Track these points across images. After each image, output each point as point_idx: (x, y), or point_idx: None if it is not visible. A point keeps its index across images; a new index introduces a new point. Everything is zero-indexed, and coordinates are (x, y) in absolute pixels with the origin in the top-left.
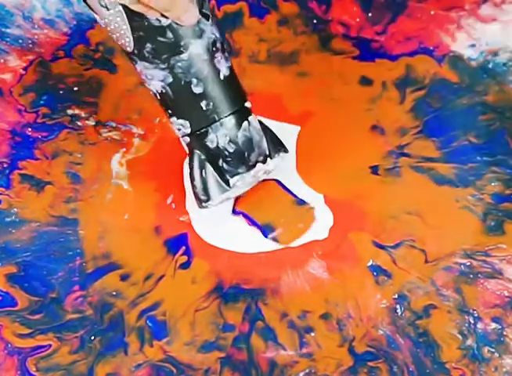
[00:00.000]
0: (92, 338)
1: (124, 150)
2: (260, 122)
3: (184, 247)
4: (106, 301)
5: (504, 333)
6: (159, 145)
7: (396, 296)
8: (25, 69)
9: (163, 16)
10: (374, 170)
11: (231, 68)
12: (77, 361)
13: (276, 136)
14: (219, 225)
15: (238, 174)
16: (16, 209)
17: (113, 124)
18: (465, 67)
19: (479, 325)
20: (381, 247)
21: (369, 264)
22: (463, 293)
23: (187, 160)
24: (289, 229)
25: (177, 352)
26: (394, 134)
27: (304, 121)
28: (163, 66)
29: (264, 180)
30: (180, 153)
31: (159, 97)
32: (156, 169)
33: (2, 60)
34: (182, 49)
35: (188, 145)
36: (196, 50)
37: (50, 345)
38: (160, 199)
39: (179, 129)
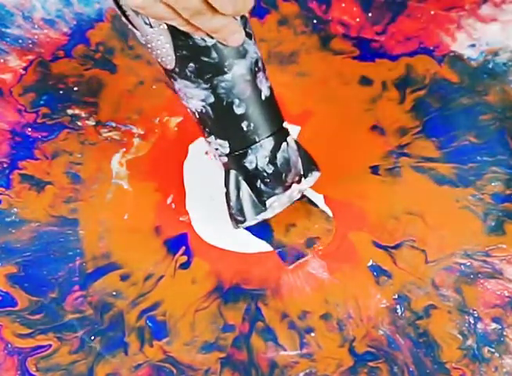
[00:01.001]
0: (92, 337)
1: (124, 150)
2: (295, 142)
3: (184, 247)
4: (106, 301)
5: (504, 333)
6: (159, 145)
7: (396, 296)
8: (25, 69)
9: (209, 36)
10: (374, 170)
11: (271, 88)
12: (77, 361)
13: (309, 155)
14: (219, 226)
15: (275, 195)
16: (16, 209)
17: (113, 124)
18: (465, 67)
19: (479, 325)
20: (381, 247)
21: (369, 264)
22: (463, 293)
23: (187, 160)
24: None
25: (177, 352)
26: (394, 134)
27: (304, 121)
28: (205, 85)
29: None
30: (180, 153)
31: (198, 116)
32: (156, 169)
33: (2, 60)
34: (225, 70)
35: (224, 164)
36: (239, 70)
37: (50, 345)
38: (160, 199)
39: (217, 149)
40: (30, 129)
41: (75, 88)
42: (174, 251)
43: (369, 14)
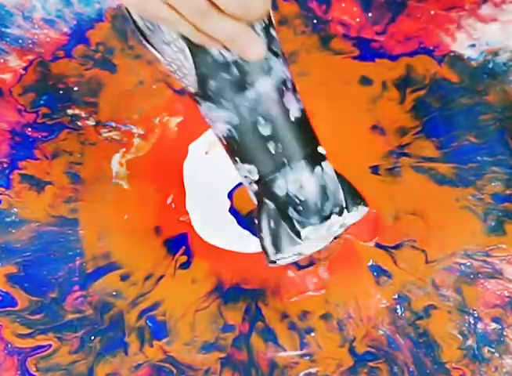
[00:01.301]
0: (92, 337)
1: (124, 150)
2: (335, 171)
3: (184, 247)
4: (106, 301)
5: (504, 333)
6: (159, 145)
7: (396, 296)
8: (25, 69)
9: (226, 49)
10: (374, 170)
11: (302, 110)
12: (77, 361)
13: (355, 188)
14: (219, 226)
15: (310, 225)
16: (16, 209)
17: (113, 124)
18: (465, 67)
19: (479, 325)
20: (381, 247)
21: (370, 264)
22: (463, 293)
23: (187, 160)
24: None
25: (177, 352)
26: (394, 134)
27: None
28: (228, 105)
29: None
30: (180, 153)
31: (225, 142)
32: (156, 169)
33: (2, 60)
34: (248, 87)
35: (256, 194)
36: (263, 88)
37: (50, 345)
38: (160, 199)
39: (246, 176)
40: (30, 129)
41: (75, 88)
42: (174, 251)
43: (369, 14)
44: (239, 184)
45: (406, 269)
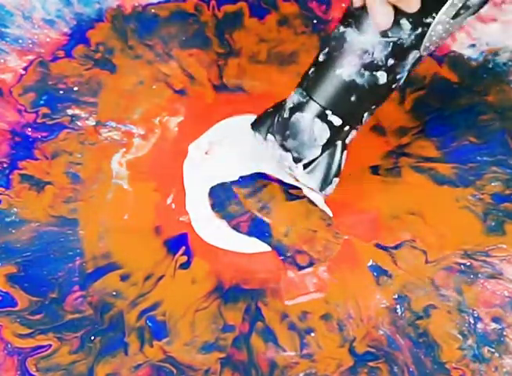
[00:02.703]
0: (92, 338)
1: (124, 150)
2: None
3: (184, 247)
4: (106, 301)
5: (504, 333)
6: (159, 145)
7: (396, 296)
8: (25, 69)
9: None
10: (374, 170)
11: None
12: (77, 361)
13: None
14: (219, 225)
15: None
16: (16, 209)
17: (113, 124)
18: (465, 67)
19: (479, 325)
20: (381, 247)
21: (370, 264)
22: (463, 293)
23: (187, 160)
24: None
25: (177, 352)
26: (394, 134)
27: None
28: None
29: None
30: (180, 153)
31: None
32: (156, 169)
33: (2, 60)
34: None
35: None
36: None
37: (50, 345)
38: (160, 199)
39: None
40: (30, 129)
41: (75, 88)
42: (174, 251)
43: None
44: (240, 184)
45: (406, 269)
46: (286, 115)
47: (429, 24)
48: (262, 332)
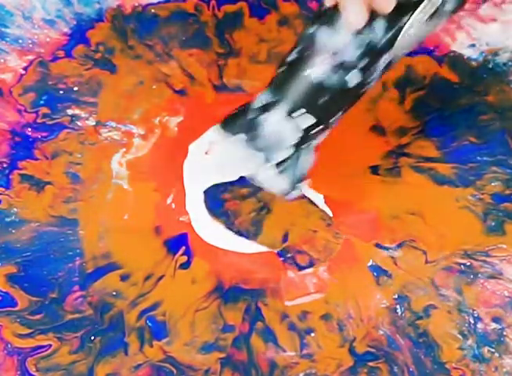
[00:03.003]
0: (92, 338)
1: (124, 150)
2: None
3: (184, 247)
4: (106, 301)
5: (504, 333)
6: (159, 145)
7: (396, 296)
8: (25, 69)
9: None
10: (374, 170)
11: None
12: (77, 361)
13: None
14: (219, 225)
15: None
16: (16, 209)
17: (113, 124)
18: (465, 67)
19: (479, 325)
20: (381, 247)
21: (370, 264)
22: (463, 293)
23: (187, 160)
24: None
25: (177, 352)
26: (394, 134)
27: None
28: None
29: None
30: (180, 153)
31: None
32: (156, 169)
33: (2, 60)
34: None
35: None
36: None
37: (50, 345)
38: (160, 199)
39: None
40: (30, 129)
41: (75, 88)
42: (174, 251)
43: None
44: (240, 184)
45: (406, 269)
46: (253, 115)
47: (403, 25)
48: (262, 332)
